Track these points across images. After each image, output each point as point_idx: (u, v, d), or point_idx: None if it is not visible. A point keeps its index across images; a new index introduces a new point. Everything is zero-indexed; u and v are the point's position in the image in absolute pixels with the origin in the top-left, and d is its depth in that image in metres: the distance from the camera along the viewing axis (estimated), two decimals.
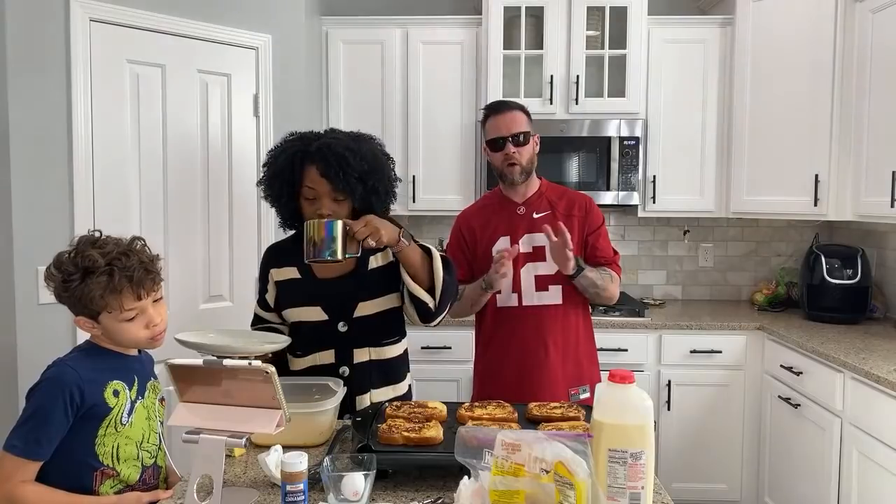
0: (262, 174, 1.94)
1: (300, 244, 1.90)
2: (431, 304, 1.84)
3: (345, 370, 1.88)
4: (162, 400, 1.61)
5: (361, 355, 1.91)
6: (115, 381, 1.49)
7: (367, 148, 1.87)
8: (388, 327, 1.95)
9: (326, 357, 1.90)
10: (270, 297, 1.99)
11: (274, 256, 2.02)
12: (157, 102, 2.68)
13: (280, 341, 1.77)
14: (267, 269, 2.01)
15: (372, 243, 1.70)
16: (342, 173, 1.79)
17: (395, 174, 1.95)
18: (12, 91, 2.32)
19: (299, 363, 1.93)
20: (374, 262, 1.93)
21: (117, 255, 1.47)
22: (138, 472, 1.52)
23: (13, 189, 2.33)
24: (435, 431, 1.48)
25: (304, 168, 1.83)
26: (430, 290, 1.84)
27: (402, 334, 2.01)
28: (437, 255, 1.86)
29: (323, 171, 1.80)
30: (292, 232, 2.01)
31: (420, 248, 1.84)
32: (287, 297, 1.96)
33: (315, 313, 1.90)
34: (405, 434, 1.46)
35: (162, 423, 1.60)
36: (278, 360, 1.90)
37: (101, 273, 1.44)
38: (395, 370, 1.96)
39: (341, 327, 1.90)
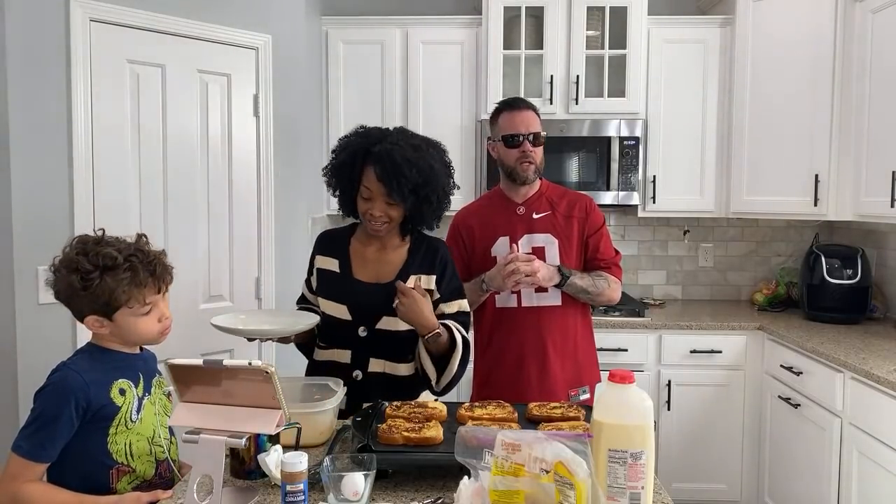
0: (329, 162, 1.98)
1: (349, 236, 2.01)
2: (433, 383, 1.91)
3: (358, 374, 1.91)
4: (169, 395, 1.62)
5: (376, 365, 1.92)
6: (120, 380, 1.50)
7: (425, 159, 1.88)
8: (406, 347, 1.94)
9: (344, 356, 1.93)
10: (314, 281, 2.03)
11: (323, 243, 2.06)
12: (157, 102, 2.68)
13: (311, 319, 1.85)
14: (314, 254, 2.05)
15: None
16: (396, 182, 1.82)
17: (452, 182, 1.97)
18: (12, 91, 2.31)
19: (321, 354, 1.97)
20: (414, 281, 1.93)
21: (134, 252, 1.49)
22: (153, 467, 1.54)
23: (13, 189, 2.33)
24: (435, 431, 1.48)
25: (364, 166, 1.87)
26: (440, 366, 1.90)
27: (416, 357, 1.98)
28: (458, 351, 1.89)
29: (379, 175, 1.83)
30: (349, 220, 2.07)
31: (450, 334, 1.88)
32: (322, 286, 2.00)
33: (341, 311, 1.93)
34: (405, 434, 1.47)
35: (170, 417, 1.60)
36: (307, 343, 2.01)
37: (124, 269, 1.45)
38: (406, 389, 1.93)
39: (361, 332, 1.92)
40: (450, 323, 1.91)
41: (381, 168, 1.83)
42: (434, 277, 1.96)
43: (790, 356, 2.94)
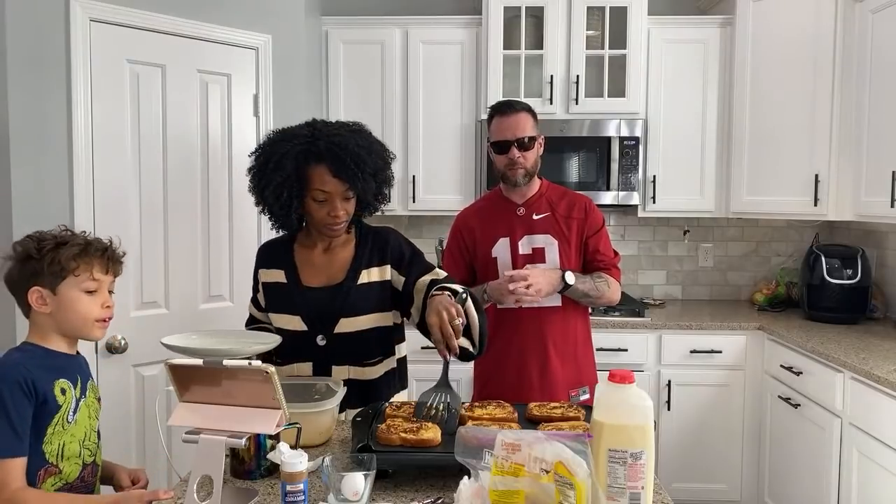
0: (255, 179, 1.83)
1: (291, 243, 1.89)
2: (473, 350, 1.73)
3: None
4: (99, 399, 1.62)
5: (340, 373, 1.84)
6: (61, 380, 1.48)
7: (374, 141, 1.82)
8: (371, 347, 1.87)
9: (304, 369, 1.84)
10: (261, 298, 1.95)
11: (264, 256, 1.96)
12: (157, 102, 2.68)
13: (270, 341, 1.69)
14: (257, 268, 1.96)
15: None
16: (360, 173, 1.73)
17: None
18: (12, 91, 2.31)
19: (279, 371, 1.80)
20: (367, 276, 1.86)
21: (90, 238, 1.54)
22: (79, 469, 1.51)
23: (13, 188, 2.33)
24: (432, 433, 1.47)
25: (309, 168, 1.75)
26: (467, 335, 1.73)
27: (387, 354, 1.92)
28: (470, 304, 1.72)
29: (335, 171, 1.73)
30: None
31: (452, 292, 1.73)
32: (271, 300, 1.91)
33: (294, 322, 1.84)
34: (402, 435, 1.46)
35: (98, 420, 1.59)
36: (266, 361, 1.85)
37: (77, 242, 1.50)
38: (376, 392, 1.86)
39: (320, 341, 1.83)
40: (447, 283, 1.76)
41: (336, 164, 1.72)
42: (388, 267, 1.87)
43: (790, 356, 2.94)
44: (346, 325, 1.83)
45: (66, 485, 1.49)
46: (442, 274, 1.87)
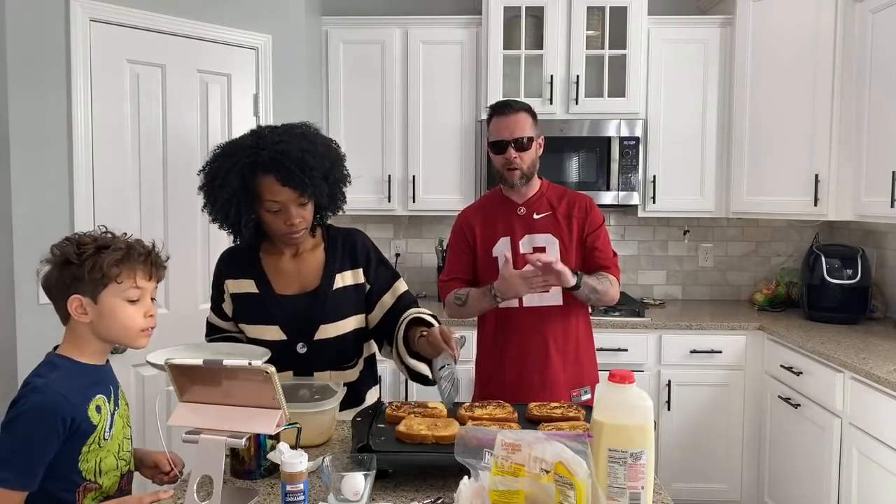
0: (204, 197, 1.80)
1: (256, 251, 1.85)
2: (431, 376, 1.79)
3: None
4: (127, 404, 1.57)
5: (321, 378, 1.82)
6: (97, 397, 1.42)
7: (320, 142, 1.76)
8: (349, 350, 1.88)
9: (284, 378, 1.76)
10: (227, 308, 1.89)
11: (229, 265, 1.89)
12: (157, 102, 2.68)
13: (257, 354, 1.64)
14: (221, 278, 1.89)
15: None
16: (308, 178, 1.68)
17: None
18: (12, 91, 2.32)
19: None
20: (341, 280, 1.85)
21: (132, 241, 1.45)
22: (117, 481, 1.47)
23: (13, 189, 2.33)
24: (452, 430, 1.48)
25: (256, 179, 1.69)
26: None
27: (361, 355, 1.93)
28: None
29: (284, 179, 1.67)
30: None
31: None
32: (243, 312, 1.85)
33: (273, 332, 1.80)
34: (423, 433, 1.47)
35: (130, 427, 1.55)
36: None
37: (118, 247, 1.40)
38: (356, 393, 1.87)
39: (300, 349, 1.81)
40: (417, 314, 1.85)
41: (282, 172, 1.66)
42: (361, 271, 1.87)
43: (790, 356, 2.94)
44: (327, 330, 1.82)
45: (105, 497, 1.45)
46: (401, 286, 1.94)
